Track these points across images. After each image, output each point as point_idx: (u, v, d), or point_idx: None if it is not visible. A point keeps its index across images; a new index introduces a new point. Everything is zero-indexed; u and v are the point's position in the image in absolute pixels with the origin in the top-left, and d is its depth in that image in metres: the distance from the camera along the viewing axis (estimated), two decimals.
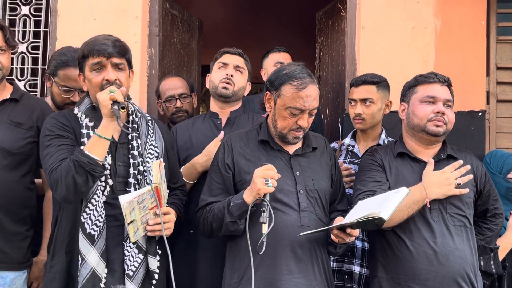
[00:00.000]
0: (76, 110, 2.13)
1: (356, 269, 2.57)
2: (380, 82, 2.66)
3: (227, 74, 2.55)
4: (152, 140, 2.20)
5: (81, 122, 2.08)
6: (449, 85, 2.31)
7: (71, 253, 2.03)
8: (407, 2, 3.22)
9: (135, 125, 2.14)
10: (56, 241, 2.06)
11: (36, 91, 3.36)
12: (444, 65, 3.15)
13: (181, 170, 2.44)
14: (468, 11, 3.30)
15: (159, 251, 2.13)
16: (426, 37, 3.20)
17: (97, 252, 1.98)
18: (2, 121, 2.28)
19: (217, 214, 2.09)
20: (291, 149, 2.20)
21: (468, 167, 2.23)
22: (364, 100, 2.64)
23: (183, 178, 2.44)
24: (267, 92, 2.21)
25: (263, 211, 1.94)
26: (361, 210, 1.95)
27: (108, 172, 2.05)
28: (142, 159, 2.12)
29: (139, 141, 2.13)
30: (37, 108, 2.38)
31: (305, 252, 2.09)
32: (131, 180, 2.08)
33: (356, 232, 1.98)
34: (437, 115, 2.22)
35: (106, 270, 2.00)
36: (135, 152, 2.12)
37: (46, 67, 2.23)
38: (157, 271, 2.11)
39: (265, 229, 1.91)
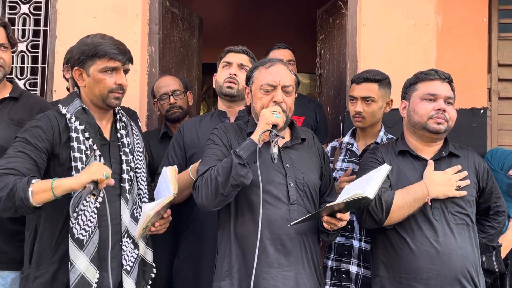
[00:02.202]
0: (64, 110, 2.07)
1: (354, 268, 2.56)
2: (382, 80, 2.64)
3: (230, 74, 2.55)
4: (138, 139, 2.27)
5: (70, 124, 2.03)
6: (450, 82, 2.29)
7: (59, 262, 1.99)
8: None
9: (123, 124, 2.21)
10: (40, 251, 2.00)
11: (36, 90, 3.36)
12: (445, 62, 3.14)
13: (189, 168, 2.42)
14: (470, 8, 3.29)
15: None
16: (427, 34, 3.19)
17: (87, 257, 1.96)
18: (1, 119, 2.28)
19: (223, 166, 2.00)
20: (281, 142, 2.19)
21: (466, 173, 2.23)
22: (365, 98, 2.61)
23: (191, 175, 2.42)
24: (245, 87, 2.28)
25: (273, 136, 2.00)
26: (348, 192, 1.96)
27: None
28: (133, 156, 2.18)
29: (128, 139, 2.19)
30: (36, 106, 2.37)
31: (294, 245, 2.09)
32: (125, 176, 2.11)
33: (347, 216, 1.99)
34: (438, 113, 2.21)
35: (97, 275, 1.98)
36: (126, 149, 2.16)
37: (64, 60, 2.24)
38: (154, 264, 2.20)
39: (275, 146, 1.98)
